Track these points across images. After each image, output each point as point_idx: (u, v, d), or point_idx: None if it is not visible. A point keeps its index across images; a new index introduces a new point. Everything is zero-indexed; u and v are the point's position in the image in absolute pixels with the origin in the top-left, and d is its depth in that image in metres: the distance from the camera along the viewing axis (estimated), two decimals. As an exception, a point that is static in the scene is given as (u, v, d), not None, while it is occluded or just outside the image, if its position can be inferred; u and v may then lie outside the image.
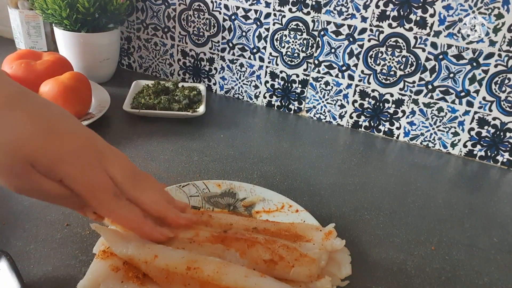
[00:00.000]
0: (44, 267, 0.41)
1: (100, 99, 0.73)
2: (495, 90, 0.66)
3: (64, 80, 0.64)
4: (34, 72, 0.68)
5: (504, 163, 0.70)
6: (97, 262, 0.38)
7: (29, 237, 0.44)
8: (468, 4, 0.62)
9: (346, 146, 0.72)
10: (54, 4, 0.75)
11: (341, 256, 0.43)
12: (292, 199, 0.52)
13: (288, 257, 0.39)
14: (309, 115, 0.81)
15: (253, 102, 0.85)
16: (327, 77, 0.76)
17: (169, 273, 0.36)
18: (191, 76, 0.90)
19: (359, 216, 0.54)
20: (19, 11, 0.86)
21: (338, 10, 0.71)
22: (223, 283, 0.35)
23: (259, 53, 0.80)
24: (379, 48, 0.70)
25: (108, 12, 0.79)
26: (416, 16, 0.66)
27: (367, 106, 0.75)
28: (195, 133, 0.70)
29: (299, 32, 0.75)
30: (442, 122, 0.71)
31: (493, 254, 0.49)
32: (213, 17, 0.81)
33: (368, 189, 0.60)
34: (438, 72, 0.68)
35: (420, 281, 0.44)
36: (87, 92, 0.67)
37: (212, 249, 0.39)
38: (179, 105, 0.73)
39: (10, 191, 0.33)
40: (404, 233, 0.52)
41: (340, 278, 0.41)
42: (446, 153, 0.73)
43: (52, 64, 0.70)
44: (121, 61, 0.96)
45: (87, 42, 0.80)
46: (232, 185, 0.53)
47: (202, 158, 0.63)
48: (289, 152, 0.67)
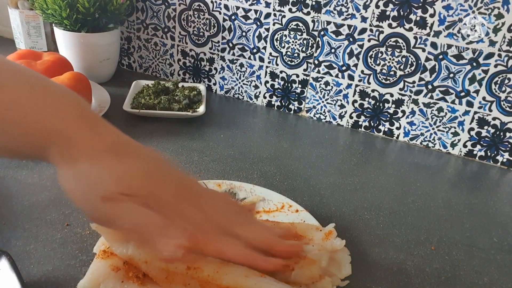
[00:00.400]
0: (44, 267, 0.41)
1: (100, 99, 0.73)
2: (495, 90, 0.66)
3: (64, 80, 0.64)
4: (34, 72, 0.68)
5: (504, 163, 0.70)
6: (97, 262, 0.38)
7: (29, 237, 0.44)
8: (468, 4, 0.62)
9: (346, 146, 0.72)
10: (54, 4, 0.75)
11: (341, 256, 0.42)
12: (292, 199, 0.52)
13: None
14: (309, 115, 0.81)
15: (253, 102, 0.85)
16: (327, 77, 0.76)
17: (169, 273, 0.36)
18: (191, 76, 0.90)
19: (359, 216, 0.54)
20: (19, 11, 0.86)
21: (338, 10, 0.71)
22: (223, 283, 0.35)
23: (259, 53, 0.80)
24: (379, 48, 0.70)
25: (108, 12, 0.79)
26: (416, 16, 0.66)
27: (367, 106, 0.75)
28: (195, 133, 0.70)
29: (299, 32, 0.75)
30: (442, 122, 0.71)
31: (493, 254, 0.49)
32: (213, 17, 0.81)
33: (368, 189, 0.60)
34: (438, 72, 0.68)
35: (420, 281, 0.44)
36: (87, 92, 0.67)
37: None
38: (179, 105, 0.73)
39: (9, 191, 0.33)
40: (404, 233, 0.52)
41: (340, 278, 0.41)
42: (446, 153, 0.73)
43: (52, 64, 0.70)
44: (121, 61, 0.96)
45: (87, 42, 0.80)
46: (232, 185, 0.53)
47: (202, 158, 0.63)
48: (289, 152, 0.67)
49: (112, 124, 0.35)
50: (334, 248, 0.42)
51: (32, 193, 0.51)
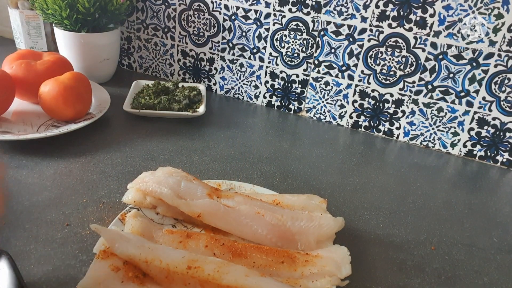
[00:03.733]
0: (44, 267, 0.41)
1: (100, 99, 0.73)
2: (495, 90, 0.66)
3: (64, 80, 0.64)
4: (34, 72, 0.68)
5: (503, 163, 0.70)
6: (97, 262, 0.38)
7: (29, 237, 0.44)
8: (468, 4, 0.62)
9: (346, 146, 0.72)
10: (54, 4, 0.75)
11: (341, 256, 0.43)
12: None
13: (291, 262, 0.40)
14: (309, 115, 0.81)
15: (253, 102, 0.85)
16: (327, 77, 0.76)
17: (169, 272, 0.36)
18: (191, 76, 0.90)
19: (359, 216, 0.54)
20: (19, 11, 0.86)
21: (338, 10, 0.71)
22: (223, 282, 0.35)
23: (259, 53, 0.80)
24: (379, 48, 0.70)
25: (108, 12, 0.79)
26: (416, 16, 0.66)
27: (367, 106, 0.75)
28: (195, 133, 0.70)
29: (299, 32, 0.75)
30: (442, 122, 0.71)
31: (493, 254, 0.49)
32: (213, 17, 0.81)
33: (368, 189, 0.60)
34: (438, 72, 0.68)
35: (420, 281, 0.44)
36: (87, 92, 0.67)
37: None
38: (179, 105, 0.73)
39: (9, 191, 0.33)
40: (404, 233, 0.52)
41: (340, 278, 0.41)
42: (446, 153, 0.73)
43: (52, 64, 0.70)
44: (121, 61, 0.96)
45: (87, 42, 0.80)
46: (232, 185, 0.53)
47: (202, 158, 0.63)
48: (289, 152, 0.67)
49: (112, 124, 0.35)
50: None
51: (32, 193, 0.51)
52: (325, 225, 0.44)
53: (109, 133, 0.67)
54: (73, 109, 0.64)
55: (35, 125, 0.65)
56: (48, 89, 0.63)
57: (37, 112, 0.69)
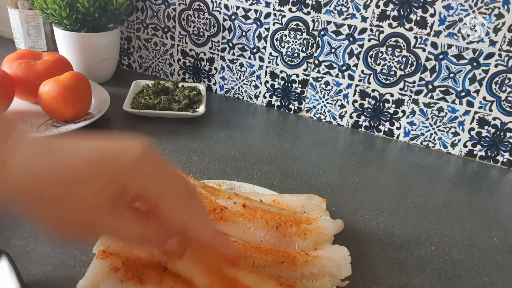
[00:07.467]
0: (44, 267, 0.41)
1: (100, 99, 0.73)
2: (495, 90, 0.66)
3: (64, 80, 0.64)
4: (34, 72, 0.68)
5: (504, 163, 0.70)
6: (96, 262, 0.38)
7: (29, 237, 0.44)
8: (468, 4, 0.62)
9: (346, 146, 0.72)
10: (54, 4, 0.75)
11: (341, 256, 0.43)
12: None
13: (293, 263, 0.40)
14: (309, 115, 0.81)
15: (253, 102, 0.85)
16: (327, 77, 0.76)
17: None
18: (191, 76, 0.90)
19: (359, 216, 0.54)
20: (19, 11, 0.86)
21: (338, 10, 0.70)
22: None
23: (259, 53, 0.80)
24: (379, 48, 0.70)
25: (108, 12, 0.79)
26: (416, 16, 0.66)
27: (367, 106, 0.75)
28: (195, 133, 0.70)
29: (299, 32, 0.75)
30: (442, 122, 0.71)
31: (493, 254, 0.49)
32: (213, 17, 0.81)
33: (368, 189, 0.60)
34: (438, 72, 0.68)
35: (420, 281, 0.44)
36: (87, 92, 0.67)
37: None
38: (179, 105, 0.73)
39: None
40: (404, 233, 0.52)
41: (340, 278, 0.41)
42: (446, 153, 0.73)
43: (52, 64, 0.70)
44: (121, 61, 0.96)
45: (87, 42, 0.80)
46: (232, 185, 0.53)
47: (202, 158, 0.63)
48: (289, 152, 0.67)
49: (112, 124, 0.35)
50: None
51: (32, 193, 0.51)
52: (324, 227, 0.44)
53: (109, 133, 0.67)
54: (72, 109, 0.64)
55: (34, 125, 0.65)
56: (48, 89, 0.63)
57: (37, 112, 0.69)
